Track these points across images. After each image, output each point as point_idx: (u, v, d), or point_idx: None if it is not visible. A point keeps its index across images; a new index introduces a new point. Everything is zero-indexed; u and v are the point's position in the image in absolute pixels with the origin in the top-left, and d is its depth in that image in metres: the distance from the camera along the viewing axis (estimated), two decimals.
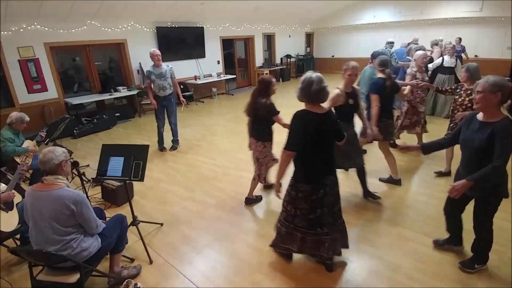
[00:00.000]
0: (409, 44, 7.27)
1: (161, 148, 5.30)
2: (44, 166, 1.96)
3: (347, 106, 3.06)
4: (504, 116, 1.92)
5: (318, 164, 2.18)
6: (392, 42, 7.51)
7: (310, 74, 2.12)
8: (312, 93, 2.06)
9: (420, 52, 4.34)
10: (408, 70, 4.48)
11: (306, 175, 2.20)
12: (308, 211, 2.24)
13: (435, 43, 7.36)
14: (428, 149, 2.41)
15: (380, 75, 3.51)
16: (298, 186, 2.23)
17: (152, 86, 4.93)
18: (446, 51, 6.28)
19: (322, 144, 2.15)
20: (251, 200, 3.50)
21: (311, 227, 2.27)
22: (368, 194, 3.39)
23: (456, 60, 6.14)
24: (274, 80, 3.15)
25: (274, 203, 3.43)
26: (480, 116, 2.02)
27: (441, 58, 6.23)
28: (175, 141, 5.39)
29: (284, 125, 2.77)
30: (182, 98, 5.27)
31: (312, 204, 2.22)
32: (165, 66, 4.94)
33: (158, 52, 4.84)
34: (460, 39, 8.45)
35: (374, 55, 5.17)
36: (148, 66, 5.04)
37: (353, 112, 3.20)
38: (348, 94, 3.06)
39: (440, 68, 6.14)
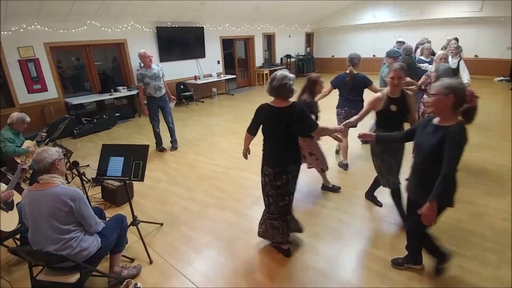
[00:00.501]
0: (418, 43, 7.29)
1: (160, 149, 5.28)
2: (39, 165, 1.98)
3: (388, 113, 2.67)
4: (457, 121, 1.86)
5: (279, 150, 2.35)
6: (402, 42, 7.49)
7: (278, 71, 2.26)
8: (273, 88, 2.23)
9: (439, 52, 4.27)
10: (428, 71, 4.35)
11: (267, 159, 2.41)
12: (277, 198, 2.41)
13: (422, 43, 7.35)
14: (381, 140, 2.43)
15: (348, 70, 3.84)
16: (264, 170, 2.44)
17: (147, 88, 4.83)
18: (449, 51, 6.22)
19: (280, 134, 2.31)
20: (327, 188, 3.63)
21: (283, 214, 2.47)
22: (371, 197, 3.35)
23: (459, 61, 6.09)
24: (321, 78, 3.20)
25: None
26: (435, 120, 1.97)
27: None
28: (174, 141, 5.38)
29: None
30: (171, 96, 5.24)
31: (278, 190, 2.39)
32: (156, 66, 4.91)
33: (149, 53, 4.80)
34: (457, 39, 8.45)
35: (388, 54, 5.22)
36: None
37: (398, 121, 2.74)
38: (392, 99, 2.66)
39: None
